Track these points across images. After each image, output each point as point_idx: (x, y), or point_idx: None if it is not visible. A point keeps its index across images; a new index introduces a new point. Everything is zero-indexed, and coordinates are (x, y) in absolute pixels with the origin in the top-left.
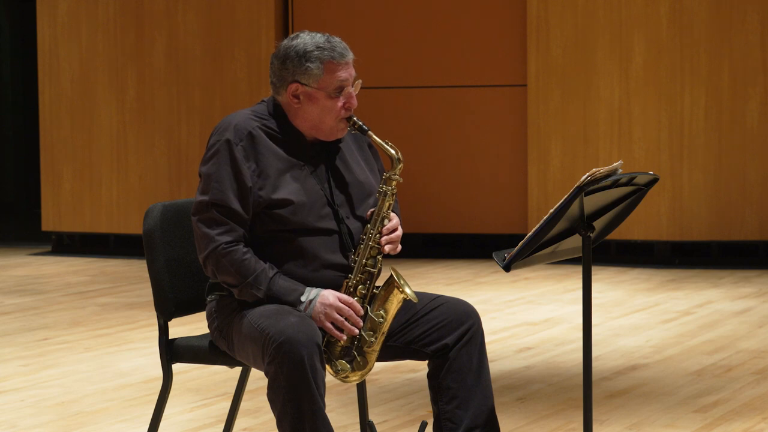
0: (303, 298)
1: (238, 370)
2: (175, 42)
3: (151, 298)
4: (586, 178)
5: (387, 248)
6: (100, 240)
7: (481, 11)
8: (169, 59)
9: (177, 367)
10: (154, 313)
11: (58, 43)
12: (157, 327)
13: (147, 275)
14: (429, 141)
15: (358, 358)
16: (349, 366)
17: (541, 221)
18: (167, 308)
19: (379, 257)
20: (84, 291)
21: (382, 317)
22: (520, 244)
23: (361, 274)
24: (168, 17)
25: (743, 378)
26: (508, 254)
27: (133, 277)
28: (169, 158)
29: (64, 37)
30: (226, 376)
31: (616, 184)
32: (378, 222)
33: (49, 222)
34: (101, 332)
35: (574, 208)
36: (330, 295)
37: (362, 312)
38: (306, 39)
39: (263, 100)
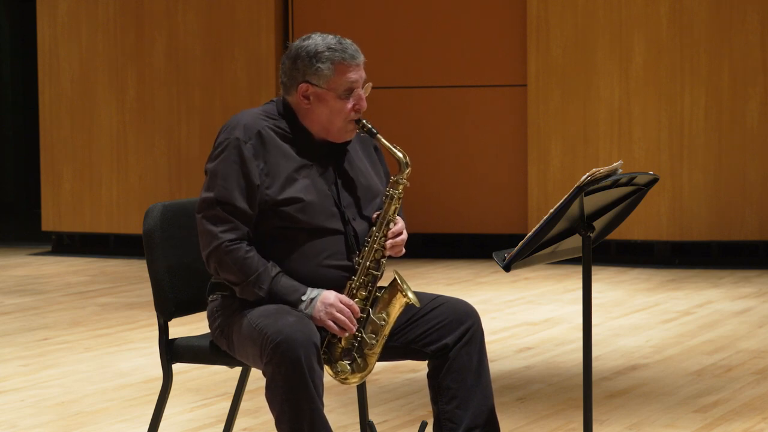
0: (304, 297)
1: (238, 370)
2: (175, 42)
3: (151, 298)
4: (586, 178)
5: (390, 251)
6: (100, 240)
7: (481, 11)
8: (169, 59)
9: (177, 367)
10: (154, 313)
11: (58, 43)
12: (157, 327)
13: (147, 275)
14: (429, 141)
15: (359, 360)
16: (349, 368)
17: (541, 221)
18: (167, 308)
19: (383, 260)
20: (84, 291)
21: (384, 320)
22: (520, 244)
23: (365, 276)
24: (168, 17)
25: (743, 378)
26: (508, 254)
27: (133, 277)
28: (169, 158)
29: (64, 37)
30: (226, 376)
31: (616, 184)
32: (383, 225)
33: (49, 222)
34: (101, 332)
35: (574, 208)
36: (331, 295)
37: (359, 315)
38: (317, 40)
39: (272, 100)
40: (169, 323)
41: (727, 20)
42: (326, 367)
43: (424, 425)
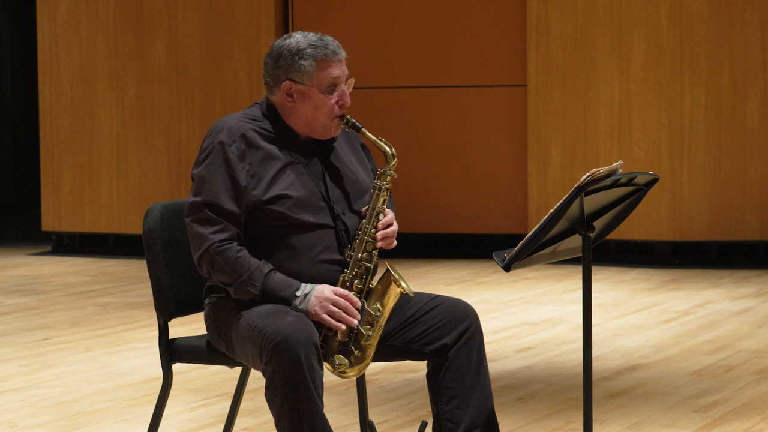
0: (298, 293)
1: (238, 370)
2: (175, 42)
3: (151, 298)
4: (586, 178)
5: (381, 243)
6: (100, 240)
7: (481, 11)
8: (169, 59)
9: (177, 367)
10: (154, 313)
11: (58, 43)
12: (157, 327)
13: (147, 275)
14: (429, 141)
15: (356, 352)
16: (346, 360)
17: (541, 221)
18: (167, 308)
19: (375, 252)
20: (84, 291)
21: (379, 311)
22: (520, 244)
23: (357, 268)
24: (168, 17)
25: (743, 378)
26: (508, 254)
27: (133, 277)
28: (169, 158)
29: (64, 37)
30: (226, 376)
31: (616, 184)
32: (373, 217)
33: (49, 222)
34: (101, 332)
35: (574, 208)
36: (326, 289)
37: (359, 304)
38: (299, 38)
39: (256, 103)
40: (169, 323)
41: (727, 20)
42: (324, 362)
43: (424, 425)
